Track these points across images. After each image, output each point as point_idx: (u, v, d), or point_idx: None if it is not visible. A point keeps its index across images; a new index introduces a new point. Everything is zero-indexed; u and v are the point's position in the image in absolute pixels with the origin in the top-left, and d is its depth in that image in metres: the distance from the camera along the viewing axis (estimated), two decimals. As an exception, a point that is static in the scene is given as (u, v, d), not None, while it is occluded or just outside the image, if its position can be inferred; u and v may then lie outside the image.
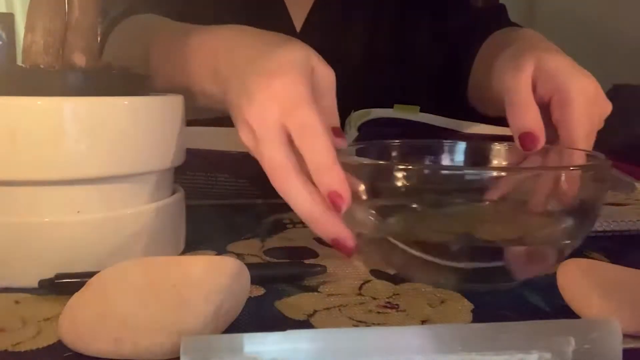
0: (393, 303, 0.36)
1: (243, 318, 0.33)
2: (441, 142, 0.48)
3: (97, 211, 0.39)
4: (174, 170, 0.45)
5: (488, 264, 0.38)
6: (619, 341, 0.26)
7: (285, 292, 0.38)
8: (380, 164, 0.40)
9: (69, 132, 0.36)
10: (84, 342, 0.29)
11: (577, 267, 0.35)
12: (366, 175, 0.39)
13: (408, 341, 0.25)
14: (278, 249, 0.46)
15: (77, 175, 0.37)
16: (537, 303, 0.37)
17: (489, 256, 0.38)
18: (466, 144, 0.48)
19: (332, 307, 0.35)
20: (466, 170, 0.42)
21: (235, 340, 0.24)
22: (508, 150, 0.47)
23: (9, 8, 2.27)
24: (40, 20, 0.39)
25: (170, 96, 0.43)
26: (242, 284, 0.32)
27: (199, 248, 0.46)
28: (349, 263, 0.43)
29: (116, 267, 0.32)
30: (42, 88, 0.37)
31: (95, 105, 0.37)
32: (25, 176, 0.37)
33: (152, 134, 0.40)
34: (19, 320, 0.33)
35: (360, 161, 0.40)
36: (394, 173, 0.37)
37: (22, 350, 0.30)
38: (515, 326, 0.26)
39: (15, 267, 0.37)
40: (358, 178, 0.38)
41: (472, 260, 0.38)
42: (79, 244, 0.38)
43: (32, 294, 0.37)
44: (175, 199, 0.44)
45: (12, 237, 0.37)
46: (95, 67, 0.41)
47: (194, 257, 0.37)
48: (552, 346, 0.25)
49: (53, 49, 0.40)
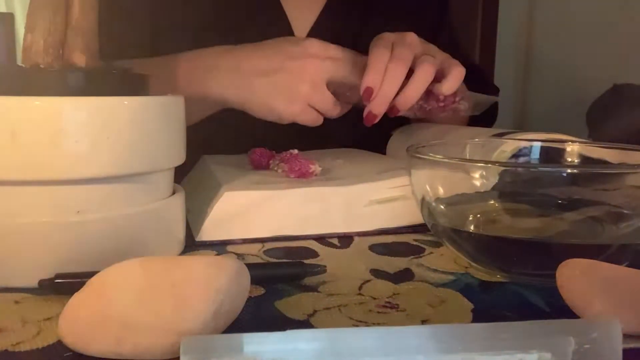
0: (393, 303, 0.36)
1: (243, 318, 0.33)
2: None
3: (97, 211, 0.39)
4: (174, 170, 0.45)
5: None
6: (619, 341, 0.25)
7: (285, 292, 0.38)
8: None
9: (69, 132, 0.36)
10: (84, 342, 0.29)
11: (577, 267, 0.35)
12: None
13: (408, 341, 0.25)
14: (278, 249, 0.46)
15: (77, 175, 0.37)
16: (537, 303, 0.37)
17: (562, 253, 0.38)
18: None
19: (332, 307, 0.35)
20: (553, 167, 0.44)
21: (235, 340, 0.24)
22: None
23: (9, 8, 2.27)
24: (40, 20, 0.39)
25: (170, 96, 0.43)
26: (242, 284, 0.32)
27: (199, 248, 0.46)
28: (349, 263, 0.43)
29: (116, 267, 0.32)
30: (42, 88, 0.37)
31: (95, 105, 0.37)
32: (25, 176, 0.37)
33: (152, 134, 0.40)
34: (19, 320, 0.33)
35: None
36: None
37: (22, 350, 0.30)
38: (515, 326, 0.26)
39: (15, 267, 0.37)
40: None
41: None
42: (79, 244, 0.38)
43: (32, 294, 0.37)
44: (175, 199, 0.44)
45: (12, 237, 0.37)
46: (95, 67, 0.41)
47: (194, 257, 0.37)
48: (552, 346, 0.25)
49: (53, 49, 0.40)
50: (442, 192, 0.42)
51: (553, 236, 0.43)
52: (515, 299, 0.37)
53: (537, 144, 0.50)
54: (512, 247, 0.40)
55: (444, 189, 0.43)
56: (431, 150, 0.43)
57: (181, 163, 0.44)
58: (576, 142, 0.49)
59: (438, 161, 0.41)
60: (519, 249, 0.40)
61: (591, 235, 0.42)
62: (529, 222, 0.44)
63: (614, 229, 0.42)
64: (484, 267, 0.41)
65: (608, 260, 0.35)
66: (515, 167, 0.45)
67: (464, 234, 0.42)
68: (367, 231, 0.51)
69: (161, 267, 0.32)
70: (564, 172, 0.41)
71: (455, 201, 0.43)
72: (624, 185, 0.40)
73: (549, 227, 0.44)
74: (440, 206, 0.42)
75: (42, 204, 0.37)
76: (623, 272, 0.34)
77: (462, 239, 0.42)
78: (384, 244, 0.48)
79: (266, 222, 0.49)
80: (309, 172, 0.54)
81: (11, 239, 0.37)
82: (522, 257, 0.40)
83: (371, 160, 0.64)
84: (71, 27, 0.40)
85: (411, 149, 0.43)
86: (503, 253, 0.40)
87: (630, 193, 0.40)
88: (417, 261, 0.44)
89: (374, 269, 0.42)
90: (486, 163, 0.42)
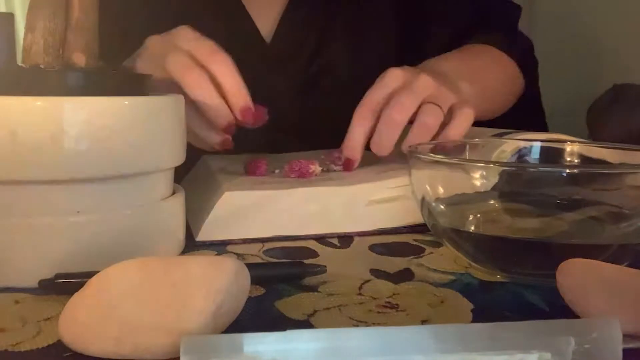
0: (393, 303, 0.36)
1: (243, 318, 0.33)
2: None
3: (97, 211, 0.39)
4: (174, 170, 0.45)
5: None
6: (619, 341, 0.26)
7: (285, 292, 0.38)
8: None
9: (69, 132, 0.36)
10: (84, 342, 0.29)
11: (577, 267, 0.34)
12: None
13: (408, 341, 0.25)
14: (278, 249, 0.46)
15: (77, 175, 0.37)
16: (537, 303, 0.37)
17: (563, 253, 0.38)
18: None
19: (332, 307, 0.35)
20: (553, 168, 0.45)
21: (235, 340, 0.24)
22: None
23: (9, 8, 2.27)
24: (40, 20, 0.39)
25: (170, 96, 0.43)
26: (242, 284, 0.32)
27: (199, 248, 0.46)
28: (349, 263, 0.43)
29: (116, 267, 0.32)
30: (42, 88, 0.37)
31: (95, 105, 0.37)
32: (25, 176, 0.37)
33: (152, 134, 0.40)
34: (19, 320, 0.33)
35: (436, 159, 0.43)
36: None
37: (22, 350, 0.30)
38: (515, 326, 0.26)
39: (15, 267, 0.37)
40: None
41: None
42: (79, 244, 0.38)
43: (32, 294, 0.37)
44: (175, 199, 0.44)
45: (12, 237, 0.37)
46: (95, 67, 0.41)
47: (194, 257, 0.37)
48: (552, 346, 0.25)
49: (53, 49, 0.40)
50: (442, 192, 0.43)
51: (553, 236, 0.43)
52: (515, 299, 0.37)
53: (537, 144, 0.50)
54: (512, 247, 0.40)
55: (444, 189, 0.43)
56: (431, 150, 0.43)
57: (181, 163, 0.44)
58: (576, 142, 0.49)
59: (438, 161, 0.41)
60: (519, 249, 0.40)
61: (591, 235, 0.42)
62: (529, 222, 0.44)
63: (614, 229, 0.42)
64: (484, 267, 0.41)
65: (608, 260, 0.35)
66: (515, 167, 0.45)
67: (464, 234, 0.42)
68: (367, 231, 0.51)
69: (161, 267, 0.32)
70: (564, 172, 0.41)
71: (455, 201, 0.43)
72: (624, 185, 0.40)
73: (549, 227, 0.44)
74: (440, 206, 0.42)
75: (42, 204, 0.37)
76: (623, 272, 0.34)
77: (462, 239, 0.42)
78: (384, 244, 0.48)
79: (266, 222, 0.49)
80: (308, 172, 0.54)
81: (11, 239, 0.37)
82: (522, 257, 0.40)
83: (371, 161, 0.64)
84: (71, 27, 0.40)
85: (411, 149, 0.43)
86: (503, 253, 0.40)
87: (630, 193, 0.40)
88: (417, 261, 0.44)
89: (374, 269, 0.42)
90: (486, 163, 0.42)
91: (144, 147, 0.40)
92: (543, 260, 0.39)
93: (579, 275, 0.34)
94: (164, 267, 0.32)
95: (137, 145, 0.39)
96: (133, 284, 0.31)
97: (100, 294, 0.31)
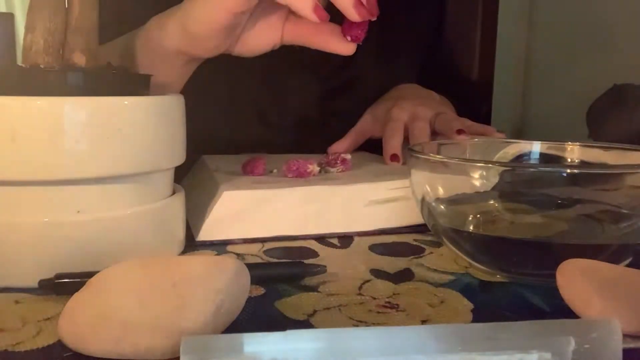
0: (393, 303, 0.36)
1: (243, 318, 0.33)
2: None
3: (97, 211, 0.39)
4: (174, 170, 0.45)
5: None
6: (619, 341, 0.25)
7: (285, 292, 0.38)
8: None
9: (69, 132, 0.36)
10: (84, 342, 0.29)
11: (577, 267, 0.34)
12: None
13: (408, 341, 0.25)
14: (278, 249, 0.46)
15: (77, 175, 0.37)
16: (537, 303, 0.37)
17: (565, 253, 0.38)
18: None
19: (332, 307, 0.35)
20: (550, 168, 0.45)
21: (235, 340, 0.24)
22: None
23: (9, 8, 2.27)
24: (40, 20, 0.39)
25: (170, 96, 0.43)
26: (242, 284, 0.32)
27: (199, 248, 0.46)
28: (349, 263, 0.43)
29: (116, 267, 0.32)
30: (42, 88, 0.37)
31: (95, 105, 0.37)
32: (25, 176, 0.37)
33: (152, 134, 0.40)
34: (19, 320, 0.33)
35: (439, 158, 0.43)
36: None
37: (22, 350, 0.30)
38: (515, 326, 0.26)
39: (15, 267, 0.37)
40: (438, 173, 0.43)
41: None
42: (79, 244, 0.38)
43: (32, 294, 0.37)
44: (175, 199, 0.44)
45: (12, 237, 0.37)
46: (95, 67, 0.41)
47: (194, 257, 0.37)
48: (552, 346, 0.25)
49: (53, 49, 0.40)
50: (442, 192, 0.43)
51: (553, 236, 0.43)
52: (515, 299, 0.37)
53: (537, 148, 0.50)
54: (512, 247, 0.40)
55: (444, 189, 0.43)
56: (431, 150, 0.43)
57: (181, 163, 0.44)
58: (576, 144, 0.49)
59: (438, 161, 0.41)
60: (519, 249, 0.40)
61: (591, 235, 0.42)
62: (529, 222, 0.44)
63: (614, 229, 0.42)
64: (484, 267, 0.41)
65: (608, 260, 0.35)
66: (515, 167, 0.45)
67: (464, 234, 0.42)
68: (367, 231, 0.51)
69: (161, 267, 0.32)
70: (564, 172, 0.41)
71: (455, 201, 0.43)
72: (624, 185, 0.40)
73: (549, 227, 0.44)
74: (440, 206, 0.42)
75: (42, 204, 0.37)
76: (623, 272, 0.34)
77: (462, 239, 0.42)
78: (384, 244, 0.48)
79: (266, 222, 0.49)
80: (306, 171, 0.54)
81: (11, 239, 0.37)
82: (522, 257, 0.40)
83: (372, 162, 0.64)
84: (71, 27, 0.40)
85: (411, 149, 0.43)
86: (503, 253, 0.40)
87: (630, 193, 0.40)
88: (417, 261, 0.44)
89: (374, 269, 0.42)
90: (486, 163, 0.42)
91: (144, 147, 0.40)
92: (543, 260, 0.39)
93: (579, 275, 0.34)
94: (164, 267, 0.32)
95: (137, 145, 0.39)
96: (133, 284, 0.31)
97: (100, 294, 0.31)
